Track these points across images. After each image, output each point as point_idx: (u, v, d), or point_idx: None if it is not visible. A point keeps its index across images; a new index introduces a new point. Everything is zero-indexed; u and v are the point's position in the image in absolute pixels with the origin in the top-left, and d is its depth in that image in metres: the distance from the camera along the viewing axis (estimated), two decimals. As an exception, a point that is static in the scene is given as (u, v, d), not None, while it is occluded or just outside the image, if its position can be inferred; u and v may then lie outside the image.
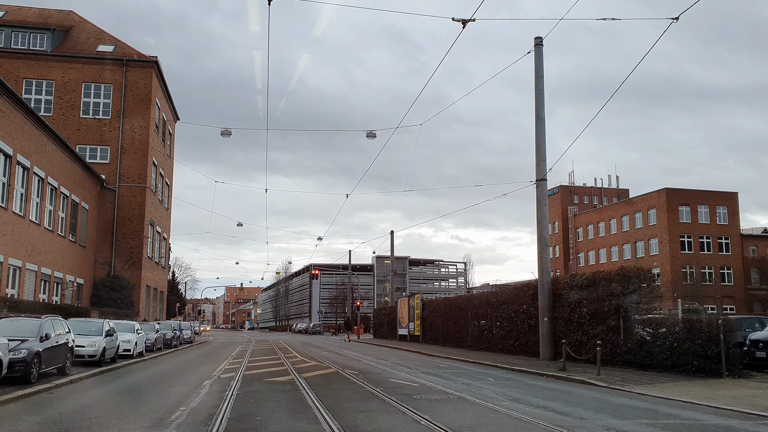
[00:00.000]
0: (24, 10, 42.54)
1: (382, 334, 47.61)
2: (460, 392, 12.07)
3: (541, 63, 20.96)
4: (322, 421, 8.47)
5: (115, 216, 37.53)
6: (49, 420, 8.80)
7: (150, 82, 38.99)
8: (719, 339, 13.60)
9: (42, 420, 8.80)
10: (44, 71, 37.92)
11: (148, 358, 23.54)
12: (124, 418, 8.98)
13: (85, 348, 17.49)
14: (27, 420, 8.79)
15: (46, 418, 9.02)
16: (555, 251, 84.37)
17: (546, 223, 21.32)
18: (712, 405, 10.12)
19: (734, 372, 13.74)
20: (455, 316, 30.50)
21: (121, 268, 37.35)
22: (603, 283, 17.68)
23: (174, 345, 32.78)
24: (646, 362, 15.71)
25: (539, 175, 20.95)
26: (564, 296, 19.62)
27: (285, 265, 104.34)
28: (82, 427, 8.20)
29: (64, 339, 15.23)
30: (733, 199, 70.33)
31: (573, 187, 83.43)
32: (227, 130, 25.30)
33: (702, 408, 9.99)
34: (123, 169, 37.90)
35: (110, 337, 19.22)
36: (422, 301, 36.69)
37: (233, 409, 9.64)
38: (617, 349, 16.84)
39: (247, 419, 8.66)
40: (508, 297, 24.48)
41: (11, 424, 8.42)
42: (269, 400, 10.84)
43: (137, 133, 38.32)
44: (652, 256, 69.54)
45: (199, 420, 8.64)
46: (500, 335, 24.58)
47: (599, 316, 17.70)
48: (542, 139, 20.84)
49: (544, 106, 20.94)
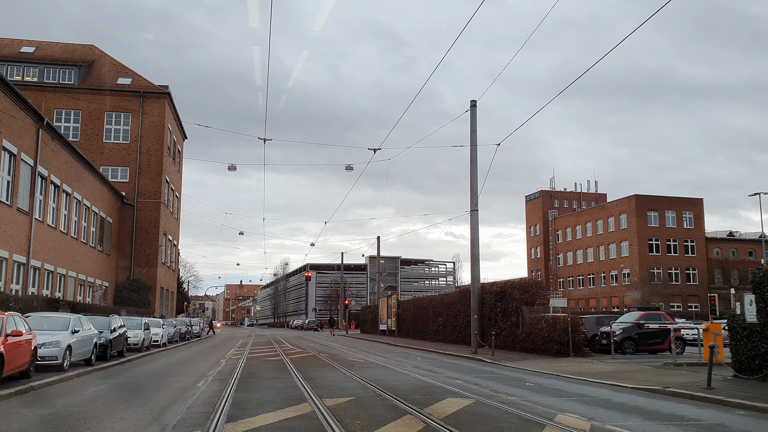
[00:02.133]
0: (51, 45, 49.45)
1: (367, 330, 54.82)
2: (387, 364, 19.10)
3: (474, 121, 27.85)
4: (292, 375, 15.46)
5: (134, 228, 44.54)
6: (140, 374, 15.83)
7: (163, 111, 45.93)
8: (568, 331, 20.59)
9: (136, 374, 15.82)
10: (72, 102, 44.86)
11: (171, 347, 30.62)
12: (183, 373, 16.03)
13: (132, 338, 24.48)
14: (130, 373, 15.81)
15: (139, 372, 16.06)
16: (536, 252, 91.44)
17: (477, 244, 28.21)
18: (551, 372, 16.80)
19: (578, 353, 20.74)
20: (421, 314, 37.54)
21: (139, 272, 44.39)
22: (509, 290, 24.71)
23: (187, 338, 39.89)
24: (531, 347, 22.73)
25: (472, 206, 27.89)
26: (487, 300, 26.62)
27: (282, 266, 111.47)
28: (166, 374, 15.29)
29: (122, 331, 22.25)
30: (698, 204, 77.32)
31: (553, 192, 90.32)
32: (233, 165, 32.25)
33: (544, 374, 16.52)
34: (140, 187, 44.89)
35: (147, 330, 26.28)
36: (397, 301, 43.79)
37: (242, 371, 16.65)
38: (517, 338, 23.88)
39: (251, 375, 15.65)
40: (455, 299, 31.51)
41: (121, 376, 15.44)
42: (264, 367, 17.87)
43: (152, 156, 45.29)
44: (623, 257, 76.62)
45: (224, 376, 15.60)
46: (449, 329, 31.62)
47: (506, 315, 24.74)
48: (475, 180, 27.75)
49: (477, 155, 27.81)
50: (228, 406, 9.92)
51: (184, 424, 8.27)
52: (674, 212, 75.85)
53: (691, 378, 13.98)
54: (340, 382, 13.80)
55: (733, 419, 9.22)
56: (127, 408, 9.91)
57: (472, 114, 27.95)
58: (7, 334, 12.38)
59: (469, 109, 28.00)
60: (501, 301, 25.45)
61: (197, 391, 12.12)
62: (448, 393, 11.76)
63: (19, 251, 26.55)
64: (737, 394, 11.08)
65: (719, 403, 10.61)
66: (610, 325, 22.22)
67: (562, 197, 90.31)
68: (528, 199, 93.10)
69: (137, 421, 8.62)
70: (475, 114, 28.01)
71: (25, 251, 27.19)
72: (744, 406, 10.11)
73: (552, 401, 10.91)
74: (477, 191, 27.84)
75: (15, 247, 25.98)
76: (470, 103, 28.06)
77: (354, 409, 9.52)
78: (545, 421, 8.70)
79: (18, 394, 11.53)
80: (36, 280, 28.98)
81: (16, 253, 26.25)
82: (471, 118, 27.94)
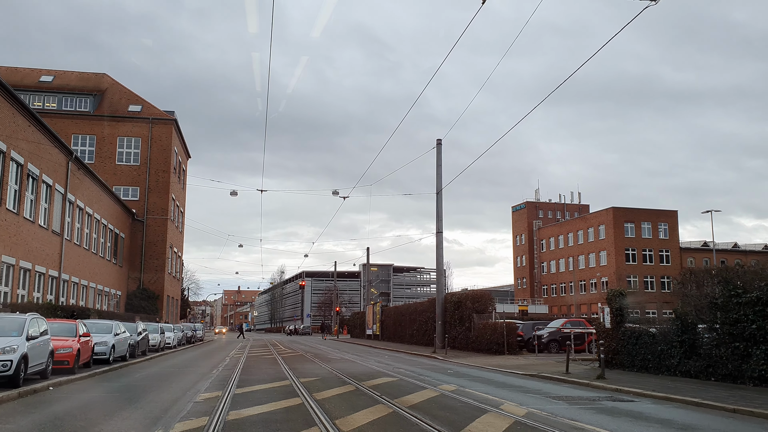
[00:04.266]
0: (68, 73, 55.10)
1: (356, 334, 60.43)
2: (356, 360, 24.63)
3: (440, 157, 33.42)
4: (281, 366, 20.99)
5: (143, 242, 50.10)
6: (167, 366, 21.38)
7: (170, 135, 51.56)
8: (503, 334, 26.14)
9: (164, 366, 21.36)
10: (88, 128, 50.49)
11: (180, 349, 36.16)
12: (199, 365, 21.59)
13: (151, 340, 29.99)
14: (159, 365, 21.35)
15: (166, 365, 21.61)
16: (522, 260, 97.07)
17: (442, 261, 33.76)
18: (476, 365, 22.35)
19: (512, 352, 26.28)
20: (400, 320, 43.07)
21: (147, 281, 49.93)
22: (464, 301, 30.28)
23: (192, 341, 45.44)
24: (479, 347, 28.28)
25: (438, 229, 33.45)
26: (448, 308, 32.16)
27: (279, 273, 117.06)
28: (187, 366, 20.83)
29: (145, 334, 27.79)
30: (673, 216, 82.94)
31: (538, 203, 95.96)
32: (234, 191, 37.82)
33: (484, 368, 21.93)
34: (149, 205, 50.47)
35: (163, 334, 31.81)
36: (381, 308, 49.38)
37: (244, 363, 22.18)
38: (469, 340, 29.44)
39: (250, 366, 21.17)
40: (425, 307, 37.07)
41: (154, 367, 20.97)
42: (261, 362, 23.41)
43: (160, 176, 50.89)
44: (601, 266, 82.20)
45: (231, 366, 21.09)
46: (421, 333, 37.17)
47: (462, 321, 30.30)
48: (440, 207, 33.30)
49: (442, 186, 33.37)
50: (236, 381, 15.46)
51: (212, 389, 13.77)
52: (650, 224, 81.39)
53: (573, 368, 19.47)
54: (315, 370, 19.36)
55: (557, 388, 14.73)
56: (171, 383, 15.45)
57: (438, 151, 33.54)
58: (80, 335, 17.90)
59: (435, 147, 33.59)
60: (458, 310, 31.02)
61: (214, 374, 17.68)
62: (384, 375, 17.34)
63: (53, 266, 32.12)
64: (580, 376, 16.60)
65: (563, 381, 16.12)
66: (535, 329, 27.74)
67: (546, 208, 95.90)
68: (514, 210, 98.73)
69: (184, 388, 14.15)
70: (440, 151, 33.59)
71: (57, 266, 32.76)
72: (576, 383, 15.62)
73: (451, 379, 16.47)
74: (441, 216, 33.42)
75: (50, 263, 31.55)
76: (436, 141, 33.66)
77: (318, 383, 15.02)
78: (429, 386, 14.23)
79: (90, 377, 17.06)
80: (65, 291, 34.51)
81: (51, 269, 31.81)
82: (437, 154, 33.53)
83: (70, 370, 16.68)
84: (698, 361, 15.07)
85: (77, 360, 17.30)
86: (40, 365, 14.63)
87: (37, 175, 28.88)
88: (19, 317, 14.60)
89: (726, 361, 14.13)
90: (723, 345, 14.22)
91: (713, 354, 14.55)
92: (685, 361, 15.49)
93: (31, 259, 28.60)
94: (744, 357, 13.68)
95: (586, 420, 9.75)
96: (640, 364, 17.46)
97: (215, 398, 12.01)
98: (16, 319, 14.42)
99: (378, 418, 9.72)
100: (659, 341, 16.51)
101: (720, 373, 14.39)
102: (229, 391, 13.11)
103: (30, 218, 28.46)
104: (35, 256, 29.09)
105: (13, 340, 13.35)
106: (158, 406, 11.14)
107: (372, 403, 11.26)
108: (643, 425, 9.49)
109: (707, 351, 14.78)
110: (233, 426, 8.81)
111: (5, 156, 25.31)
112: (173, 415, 9.99)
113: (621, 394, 13.34)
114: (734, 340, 13.88)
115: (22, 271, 27.50)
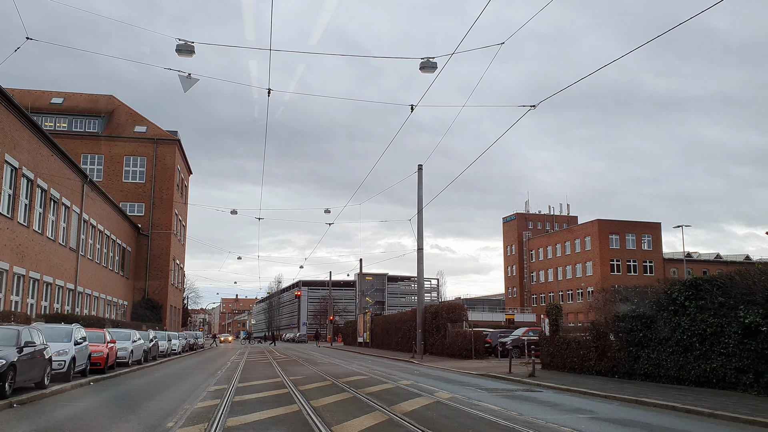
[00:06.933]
0: (77, 95, 59.31)
1: (348, 342, 64.50)
2: (340, 364, 28.65)
3: (421, 182, 37.50)
4: (276, 370, 25.02)
5: (148, 255, 54.17)
6: (178, 368, 25.42)
7: (174, 155, 55.73)
8: (471, 341, 30.20)
9: (175, 368, 25.39)
10: (96, 148, 54.62)
11: (185, 355, 40.18)
12: (205, 368, 25.65)
13: (160, 347, 33.99)
14: (171, 368, 25.38)
15: (177, 367, 25.64)
16: (512, 270, 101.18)
17: (422, 275, 37.79)
18: (444, 367, 26.36)
19: (479, 356, 30.33)
20: (388, 328, 47.11)
21: (152, 292, 53.97)
22: (440, 311, 34.37)
23: (195, 348, 49.47)
24: (452, 353, 32.33)
25: (419, 246, 37.52)
26: (427, 318, 36.22)
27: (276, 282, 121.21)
28: (195, 368, 24.92)
29: (155, 341, 31.82)
30: (656, 228, 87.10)
31: (528, 214, 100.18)
32: (234, 210, 41.91)
33: (448, 370, 26.01)
34: (154, 220, 54.57)
35: (170, 341, 35.85)
36: (371, 317, 53.46)
37: (243, 367, 26.20)
38: (444, 346, 33.49)
39: (249, 369, 25.20)
40: (409, 317, 41.12)
41: (167, 369, 25.01)
42: (258, 366, 27.45)
43: (164, 193, 55.01)
44: (587, 276, 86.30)
45: (232, 368, 25.10)
46: (405, 340, 41.20)
47: (438, 329, 34.36)
48: (421, 226, 37.36)
49: (422, 207, 37.44)
50: (238, 379, 19.52)
51: (219, 384, 17.81)
52: (634, 235, 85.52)
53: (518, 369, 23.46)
54: (303, 371, 23.42)
55: (492, 383, 18.76)
56: (185, 380, 19.49)
57: (419, 176, 37.65)
58: (107, 341, 21.95)
59: (417, 171, 37.70)
60: (435, 319, 35.11)
61: (218, 374, 21.74)
62: (358, 374, 21.42)
63: (70, 280, 36.16)
64: (519, 375, 20.63)
65: (502, 379, 20.16)
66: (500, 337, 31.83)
67: (536, 219, 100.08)
68: (505, 221, 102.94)
69: (198, 382, 18.20)
70: (421, 176, 37.70)
71: (73, 279, 36.80)
72: (510, 380, 19.65)
73: (412, 377, 20.53)
74: (422, 233, 37.54)
75: (68, 277, 35.61)
76: (417, 166, 37.75)
77: (304, 380, 19.06)
78: (390, 382, 18.27)
79: (116, 376, 21.11)
80: (80, 302, 38.56)
81: (69, 282, 35.86)
82: (418, 179, 37.63)
83: (101, 370, 20.72)
84: (607, 363, 19.16)
85: (107, 362, 21.34)
86: (81, 365, 18.68)
87: (57, 198, 32.97)
88: (67, 327, 18.69)
89: (624, 362, 18.21)
90: (622, 349, 18.30)
91: (616, 356, 18.63)
92: (599, 362, 19.58)
93: (53, 273, 32.67)
94: (636, 358, 17.76)
95: (488, 401, 13.82)
96: (569, 365, 21.51)
97: (223, 389, 16.08)
98: (65, 328, 18.50)
99: (342, 399, 13.82)
100: (582, 346, 20.58)
101: (621, 371, 18.47)
102: (232, 385, 17.16)
103: (51, 237, 32.53)
104: (56, 270, 33.16)
105: (65, 345, 17.41)
106: (184, 391, 15.32)
107: (340, 392, 15.35)
108: (528, 405, 13.53)
109: (613, 354, 18.86)
110: (238, 405, 12.86)
111: (33, 183, 29.48)
112: (196, 395, 14.20)
113: (537, 387, 17.40)
114: (629, 345, 17.97)
115: (45, 285, 31.57)
